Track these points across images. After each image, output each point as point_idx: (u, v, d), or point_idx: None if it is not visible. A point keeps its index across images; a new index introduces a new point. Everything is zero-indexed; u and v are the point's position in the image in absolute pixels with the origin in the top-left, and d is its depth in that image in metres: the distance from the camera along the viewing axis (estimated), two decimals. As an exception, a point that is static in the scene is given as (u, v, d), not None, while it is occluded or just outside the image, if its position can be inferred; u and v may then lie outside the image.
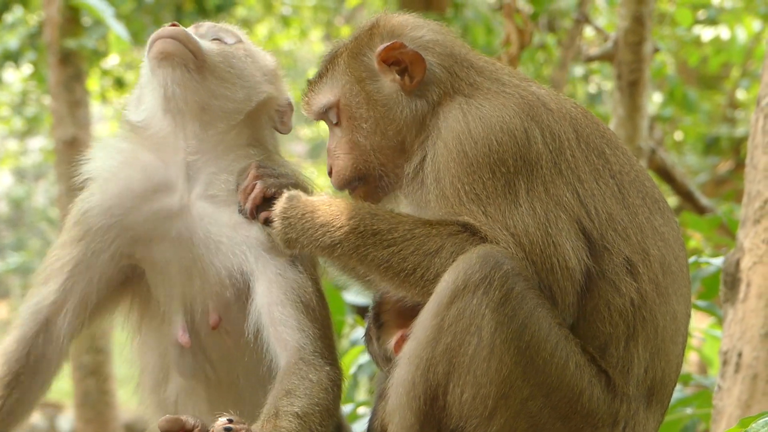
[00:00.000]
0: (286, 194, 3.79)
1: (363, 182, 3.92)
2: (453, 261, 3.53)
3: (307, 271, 4.02)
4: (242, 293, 4.07)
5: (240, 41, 4.20)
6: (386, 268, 3.61)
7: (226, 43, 4.16)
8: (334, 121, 3.94)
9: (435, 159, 3.70)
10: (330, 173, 3.97)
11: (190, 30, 4.12)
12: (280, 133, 4.27)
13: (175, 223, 4.08)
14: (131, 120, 4.17)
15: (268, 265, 3.99)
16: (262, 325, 3.98)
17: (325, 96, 3.93)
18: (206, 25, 4.24)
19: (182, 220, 4.08)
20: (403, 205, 3.88)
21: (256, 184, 3.97)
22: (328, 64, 3.96)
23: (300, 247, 3.73)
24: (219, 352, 4.13)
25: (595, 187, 3.70)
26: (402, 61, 3.83)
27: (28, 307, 4.06)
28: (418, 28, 3.92)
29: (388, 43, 3.85)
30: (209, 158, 4.11)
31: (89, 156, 4.18)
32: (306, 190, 4.06)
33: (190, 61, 4.02)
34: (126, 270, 4.15)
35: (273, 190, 3.97)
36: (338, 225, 3.66)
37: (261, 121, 4.21)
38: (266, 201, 3.94)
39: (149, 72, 4.09)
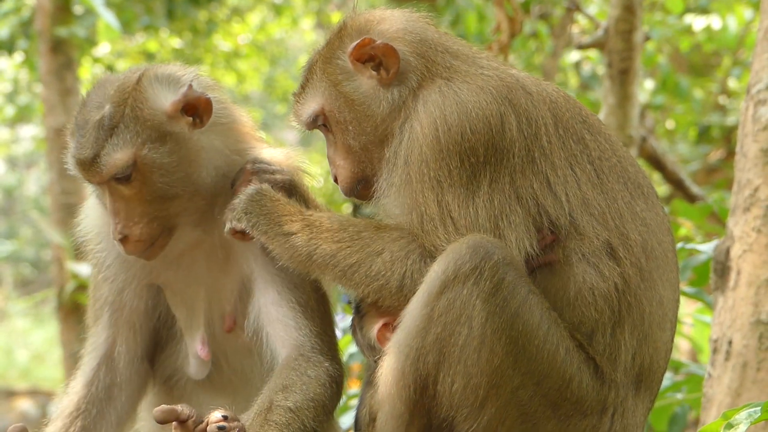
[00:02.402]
0: (256, 186, 3.86)
1: (365, 183, 3.92)
2: (391, 265, 3.61)
3: None
4: (249, 290, 4.09)
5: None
6: (334, 263, 3.68)
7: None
8: (326, 127, 3.95)
9: (410, 140, 3.71)
10: (335, 180, 3.99)
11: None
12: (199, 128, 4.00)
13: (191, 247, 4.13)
14: None
15: (266, 264, 3.98)
16: (261, 324, 4.00)
17: (309, 106, 3.94)
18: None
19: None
20: (382, 196, 3.88)
21: (251, 180, 3.97)
22: (307, 73, 3.98)
23: (254, 227, 3.78)
24: (234, 350, 4.15)
25: (569, 173, 3.70)
26: (375, 56, 3.84)
27: (87, 347, 4.19)
28: (385, 21, 3.92)
29: (358, 41, 3.85)
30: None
31: (85, 213, 4.23)
32: (301, 184, 4.07)
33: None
34: (153, 293, 4.21)
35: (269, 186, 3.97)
36: (297, 219, 3.76)
37: (212, 152, 4.05)
38: None
39: None
